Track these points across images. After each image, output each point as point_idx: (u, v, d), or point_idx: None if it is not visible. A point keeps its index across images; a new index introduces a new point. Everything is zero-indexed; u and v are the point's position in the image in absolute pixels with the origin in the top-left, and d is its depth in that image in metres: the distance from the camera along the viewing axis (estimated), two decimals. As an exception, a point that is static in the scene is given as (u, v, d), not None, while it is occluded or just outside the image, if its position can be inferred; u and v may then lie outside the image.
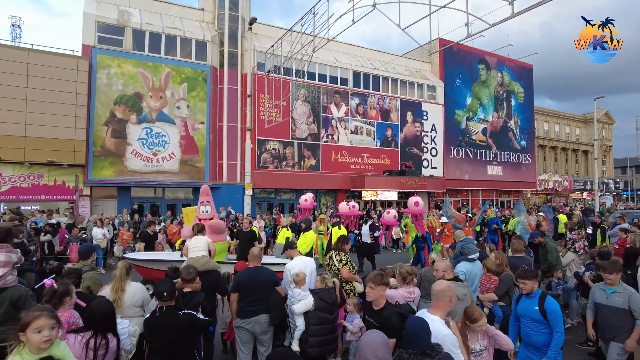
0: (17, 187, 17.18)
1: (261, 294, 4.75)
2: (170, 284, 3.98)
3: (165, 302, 3.81)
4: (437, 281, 3.65)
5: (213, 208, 8.57)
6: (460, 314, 4.05)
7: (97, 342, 3.30)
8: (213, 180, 20.96)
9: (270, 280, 4.89)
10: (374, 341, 2.78)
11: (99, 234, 13.51)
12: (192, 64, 20.87)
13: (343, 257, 5.89)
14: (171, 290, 3.87)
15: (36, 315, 2.59)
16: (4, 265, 4.38)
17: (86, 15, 18.84)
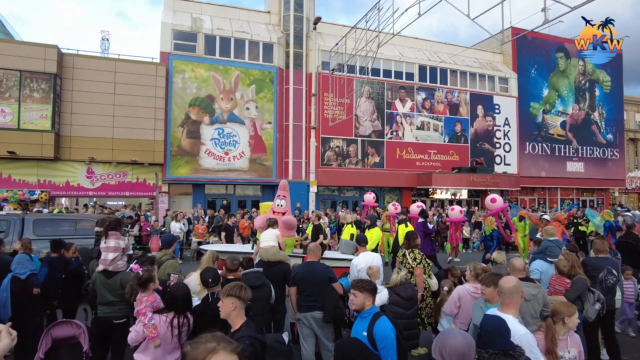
0: (107, 184, 18.93)
1: (316, 289, 4.73)
2: (214, 271, 4.15)
3: (211, 287, 4.02)
4: (504, 278, 3.39)
5: (288, 203, 8.75)
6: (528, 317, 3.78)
7: (180, 321, 3.69)
8: (279, 177, 21.48)
9: (324, 275, 4.82)
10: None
11: (176, 228, 14.42)
12: (260, 66, 21.56)
13: (417, 255, 5.74)
14: (215, 277, 4.06)
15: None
16: (115, 250, 4.87)
17: (164, 24, 20.22)
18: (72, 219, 10.88)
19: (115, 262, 4.83)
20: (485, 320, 2.73)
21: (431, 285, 5.64)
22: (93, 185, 18.68)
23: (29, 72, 17.23)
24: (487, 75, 27.44)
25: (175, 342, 3.67)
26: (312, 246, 5.30)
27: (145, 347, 3.67)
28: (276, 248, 6.06)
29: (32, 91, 17.29)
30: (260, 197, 22.10)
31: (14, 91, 17.10)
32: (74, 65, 18.39)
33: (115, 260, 4.84)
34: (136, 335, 3.67)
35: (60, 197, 18.43)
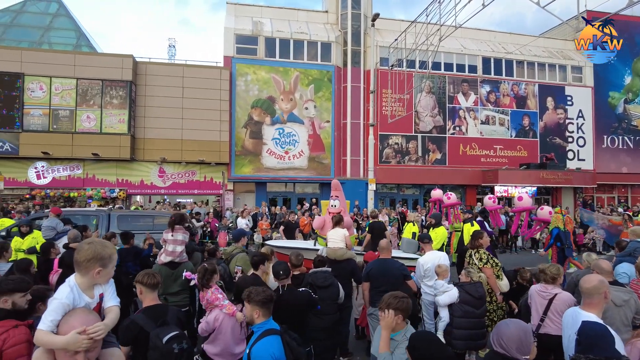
0: (177, 183, 20.15)
1: (390, 285, 4.70)
2: (284, 265, 4.28)
3: (282, 280, 4.16)
4: (585, 277, 3.15)
5: (342, 202, 8.79)
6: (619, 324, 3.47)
7: None
8: (338, 175, 21.60)
9: (399, 273, 4.88)
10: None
11: (242, 224, 14.96)
12: (318, 66, 21.80)
13: (483, 255, 5.57)
14: (286, 270, 4.19)
15: None
16: (182, 243, 5.19)
17: (226, 29, 21.09)
18: (150, 215, 11.70)
19: (181, 254, 5.16)
20: (585, 326, 2.58)
21: (500, 286, 5.43)
22: (165, 184, 19.97)
23: (108, 80, 18.76)
24: (557, 65, 25.61)
25: (243, 333, 3.86)
26: (384, 243, 5.35)
27: (214, 338, 3.81)
28: (344, 250, 6.15)
29: (111, 98, 18.81)
30: (319, 194, 22.34)
31: (97, 99, 18.70)
32: (146, 72, 19.75)
33: (182, 252, 5.17)
34: (206, 325, 3.83)
35: (136, 194, 19.88)
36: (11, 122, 17.96)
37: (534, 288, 4.41)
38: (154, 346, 2.98)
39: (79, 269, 2.09)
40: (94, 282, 2.14)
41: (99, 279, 2.14)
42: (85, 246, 2.12)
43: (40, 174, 18.72)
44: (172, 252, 5.10)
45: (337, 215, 7.20)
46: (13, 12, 22.04)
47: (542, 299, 4.19)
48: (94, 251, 2.09)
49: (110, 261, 2.17)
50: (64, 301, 2.00)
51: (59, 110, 18.42)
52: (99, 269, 2.10)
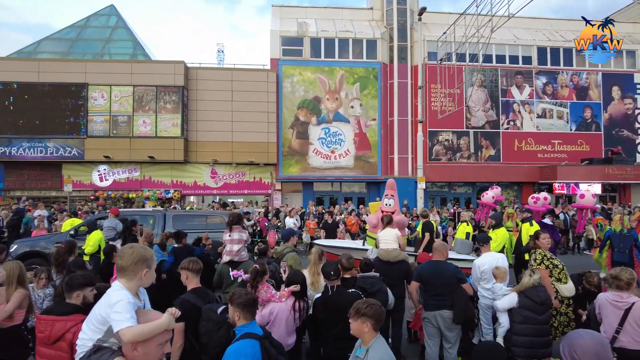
0: (228, 183, 20.74)
1: (444, 288, 4.59)
2: (335, 266, 4.21)
3: (332, 280, 4.10)
4: None
5: (396, 202, 8.61)
6: None
7: (300, 305, 4.05)
8: (385, 174, 21.26)
9: (453, 275, 4.66)
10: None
11: (290, 223, 15.06)
12: (364, 63, 21.59)
13: (538, 256, 5.18)
14: (337, 271, 4.13)
15: None
16: (239, 242, 5.25)
17: (272, 32, 21.43)
18: (203, 214, 12.04)
19: (239, 252, 5.22)
20: None
21: (560, 290, 4.97)
22: (216, 185, 20.62)
23: (162, 86, 19.67)
24: (625, 51, 23.63)
25: (295, 324, 3.99)
26: (439, 245, 5.14)
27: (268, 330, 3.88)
28: (398, 251, 5.98)
29: (165, 103, 19.70)
30: (366, 194, 22.13)
31: (152, 104, 19.66)
32: (197, 77, 20.50)
33: (239, 251, 5.23)
34: (261, 319, 3.88)
35: (189, 195, 20.67)
36: (77, 129, 19.31)
37: (604, 296, 3.98)
38: (208, 318, 3.33)
39: (126, 274, 2.09)
40: (141, 285, 2.16)
41: (146, 281, 2.15)
42: (127, 250, 2.13)
43: (102, 177, 19.98)
44: (229, 252, 5.25)
45: (387, 216, 6.99)
46: (78, 28, 23.72)
47: (617, 309, 3.77)
48: (138, 253, 2.11)
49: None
50: (130, 300, 2.01)
51: (118, 117, 19.57)
52: (146, 270, 2.12)
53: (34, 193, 19.74)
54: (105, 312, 1.99)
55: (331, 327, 3.86)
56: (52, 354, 2.78)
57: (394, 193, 8.66)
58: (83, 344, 2.05)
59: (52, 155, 19.28)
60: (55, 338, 2.80)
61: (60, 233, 10.01)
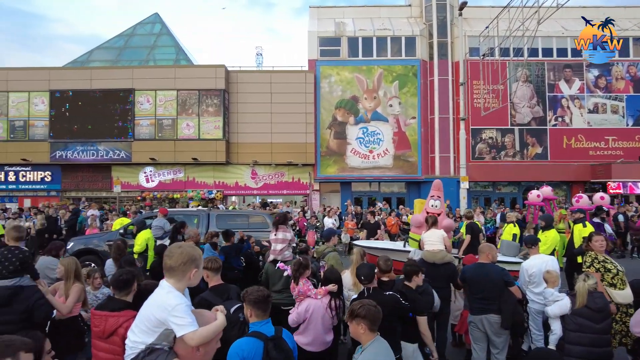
0: (268, 184, 21.05)
1: (490, 291, 4.40)
2: (368, 268, 4.11)
3: (365, 284, 4.00)
4: None
5: (442, 203, 8.41)
6: None
7: (337, 303, 4.02)
8: (425, 174, 20.83)
9: (499, 278, 4.45)
10: None
11: (329, 223, 15.04)
12: (402, 61, 21.26)
13: (588, 259, 4.87)
14: (368, 275, 4.00)
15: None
16: (282, 242, 5.30)
17: (310, 33, 21.53)
18: (245, 214, 12.23)
19: (282, 252, 5.28)
20: None
21: (613, 296, 4.59)
22: (257, 185, 20.98)
23: (204, 90, 20.25)
24: (688, 39, 21.91)
25: (332, 323, 3.98)
26: (484, 246, 4.97)
27: (305, 329, 3.88)
28: (444, 252, 5.81)
29: (207, 106, 20.26)
30: (405, 194, 21.77)
31: (195, 108, 20.28)
32: (237, 81, 20.96)
33: (282, 250, 5.28)
34: (297, 316, 3.91)
35: (231, 195, 21.14)
36: (125, 132, 20.24)
37: None
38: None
39: (175, 274, 2.05)
40: (189, 285, 2.14)
41: (194, 281, 2.12)
42: (176, 250, 2.09)
43: (148, 178, 20.84)
44: (273, 251, 5.33)
45: (431, 216, 6.80)
46: (126, 36, 24.90)
47: None
48: (187, 253, 2.07)
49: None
50: (188, 303, 2.03)
51: (162, 120, 20.33)
52: (195, 270, 2.09)
53: (86, 194, 20.89)
54: (160, 316, 1.96)
55: None
56: (107, 347, 2.92)
57: (440, 194, 8.44)
58: (134, 346, 2.02)
59: (102, 158, 20.34)
60: (109, 333, 2.93)
61: (111, 232, 10.51)
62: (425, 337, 3.97)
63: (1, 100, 20.74)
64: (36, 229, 12.02)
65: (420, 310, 4.04)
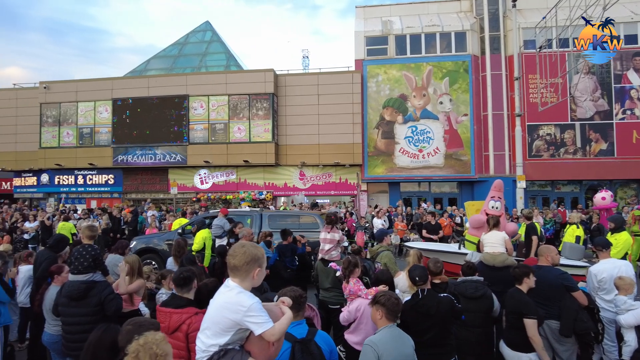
0: (315, 185, 21.20)
1: (548, 295, 4.21)
2: (421, 270, 4.05)
3: (419, 285, 3.94)
4: None
5: (503, 205, 8.12)
6: None
7: None
8: (479, 173, 20.09)
9: (558, 282, 4.22)
10: None
11: (378, 224, 14.87)
12: (453, 57, 20.65)
13: None
14: (422, 276, 3.95)
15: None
16: (330, 242, 5.34)
17: (357, 33, 21.46)
18: (296, 214, 12.39)
19: (329, 252, 5.31)
20: None
21: None
22: (305, 186, 21.21)
23: (254, 94, 20.76)
24: None
25: None
26: (543, 248, 4.76)
27: (356, 327, 3.89)
28: (505, 255, 5.60)
29: (257, 110, 20.75)
30: (458, 194, 21.11)
31: (245, 112, 20.85)
32: (285, 84, 21.29)
33: (329, 250, 5.31)
34: (348, 315, 3.91)
35: (280, 196, 21.51)
36: (180, 137, 21.20)
37: None
38: None
39: (239, 274, 2.05)
40: (253, 285, 2.12)
41: (258, 280, 2.11)
42: (239, 250, 2.08)
43: (203, 180, 21.69)
44: (321, 250, 5.46)
45: (493, 217, 6.54)
46: (179, 45, 26.13)
47: None
48: (250, 253, 2.07)
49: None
50: (258, 299, 2.03)
51: (215, 124, 21.08)
52: (258, 270, 2.09)
53: (145, 195, 22.10)
54: (235, 317, 1.95)
55: (421, 332, 3.70)
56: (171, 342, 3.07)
57: (500, 195, 8.17)
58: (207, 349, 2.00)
59: (159, 162, 21.42)
60: (174, 329, 3.08)
61: (170, 232, 11.04)
62: (535, 342, 3.78)
63: (72, 109, 22.45)
64: (101, 228, 12.85)
65: (531, 313, 3.82)
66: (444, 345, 3.73)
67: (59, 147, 22.53)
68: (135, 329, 2.26)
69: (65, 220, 12.88)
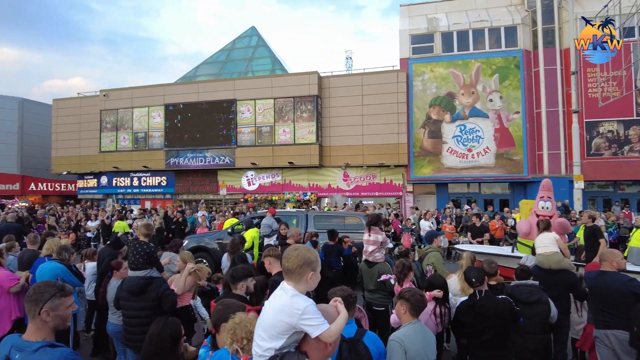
0: (359, 186, 21.11)
1: (614, 304, 3.91)
2: (477, 271, 3.96)
3: (475, 287, 3.85)
4: None
5: (554, 205, 7.77)
6: None
7: (442, 311, 3.95)
8: (532, 173, 19.17)
9: (624, 289, 3.91)
10: None
11: (425, 226, 14.56)
12: (502, 53, 19.87)
13: None
14: (480, 276, 3.86)
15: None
16: (373, 244, 5.31)
17: (401, 32, 21.17)
18: (341, 215, 12.40)
19: (373, 253, 5.30)
20: None
21: None
22: (349, 187, 21.17)
23: (299, 97, 21.02)
24: None
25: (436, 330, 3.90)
26: (607, 253, 4.41)
27: None
28: (559, 255, 5.28)
29: (301, 112, 21.00)
30: (509, 195, 20.24)
31: (290, 114, 21.16)
32: (329, 85, 21.38)
33: (373, 252, 5.29)
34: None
35: (324, 197, 21.61)
36: (229, 140, 21.87)
37: None
38: None
39: (292, 277, 2.04)
40: (307, 289, 2.08)
41: (311, 284, 2.08)
42: (293, 253, 2.07)
43: (250, 181, 22.25)
44: (364, 252, 5.42)
45: (543, 220, 6.19)
46: (227, 51, 26.99)
47: None
48: (303, 256, 2.03)
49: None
50: (312, 301, 2.01)
51: (262, 127, 21.56)
52: (311, 273, 2.05)
53: (196, 196, 23.00)
54: (291, 321, 1.93)
55: (479, 333, 3.60)
56: None
57: (550, 194, 7.81)
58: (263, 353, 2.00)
59: (209, 164, 22.21)
60: None
61: (220, 231, 11.38)
62: None
63: (127, 115, 23.81)
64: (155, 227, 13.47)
65: None
66: (503, 347, 3.66)
67: (116, 151, 23.96)
68: (224, 309, 2.58)
69: (120, 220, 13.74)
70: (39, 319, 2.17)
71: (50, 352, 2.12)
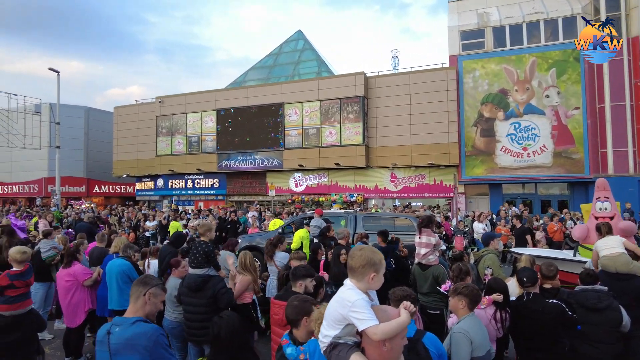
0: (407, 187, 20.78)
1: None
2: (530, 272, 3.91)
3: (526, 288, 3.82)
4: None
5: (614, 205, 7.21)
6: None
7: (502, 316, 3.82)
8: (595, 172, 17.96)
9: None
10: None
11: (479, 228, 14.08)
12: (560, 46, 18.79)
13: None
14: (532, 277, 3.81)
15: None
16: (426, 246, 5.20)
17: (450, 28, 20.63)
18: (391, 216, 12.26)
19: (426, 256, 5.19)
20: None
21: None
22: (396, 188, 20.90)
23: (345, 98, 21.07)
24: None
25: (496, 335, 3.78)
26: None
27: None
28: (627, 256, 4.89)
29: (347, 113, 21.03)
30: (568, 195, 19.09)
31: (336, 116, 21.25)
32: (376, 86, 21.25)
33: (426, 255, 5.19)
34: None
35: (371, 198, 21.48)
36: (277, 142, 22.33)
37: None
38: None
39: (355, 275, 2.10)
40: (369, 289, 2.11)
41: (374, 285, 2.10)
42: (357, 252, 2.12)
43: (297, 183, 22.58)
44: (417, 254, 5.30)
45: (605, 223, 5.77)
46: (274, 55, 27.62)
47: None
48: (366, 257, 2.07)
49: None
50: (364, 297, 2.03)
51: (308, 129, 21.82)
52: (373, 275, 2.07)
53: (247, 198, 23.68)
54: (342, 312, 2.00)
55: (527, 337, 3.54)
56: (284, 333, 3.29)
57: (608, 194, 7.30)
58: (323, 340, 2.12)
59: (258, 166, 22.80)
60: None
61: (270, 231, 11.62)
62: None
63: (181, 120, 24.99)
64: (211, 228, 13.95)
65: None
66: (554, 353, 3.61)
67: (172, 155, 25.20)
68: (302, 304, 2.76)
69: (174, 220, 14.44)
70: (142, 300, 2.58)
71: (144, 325, 2.51)
